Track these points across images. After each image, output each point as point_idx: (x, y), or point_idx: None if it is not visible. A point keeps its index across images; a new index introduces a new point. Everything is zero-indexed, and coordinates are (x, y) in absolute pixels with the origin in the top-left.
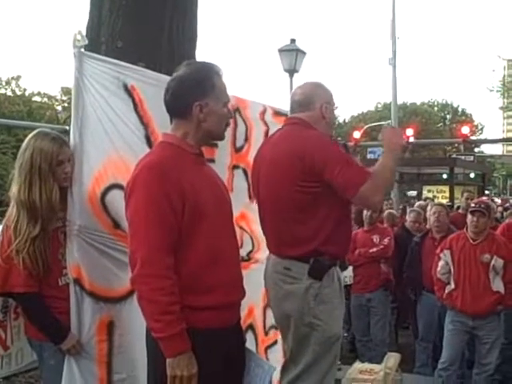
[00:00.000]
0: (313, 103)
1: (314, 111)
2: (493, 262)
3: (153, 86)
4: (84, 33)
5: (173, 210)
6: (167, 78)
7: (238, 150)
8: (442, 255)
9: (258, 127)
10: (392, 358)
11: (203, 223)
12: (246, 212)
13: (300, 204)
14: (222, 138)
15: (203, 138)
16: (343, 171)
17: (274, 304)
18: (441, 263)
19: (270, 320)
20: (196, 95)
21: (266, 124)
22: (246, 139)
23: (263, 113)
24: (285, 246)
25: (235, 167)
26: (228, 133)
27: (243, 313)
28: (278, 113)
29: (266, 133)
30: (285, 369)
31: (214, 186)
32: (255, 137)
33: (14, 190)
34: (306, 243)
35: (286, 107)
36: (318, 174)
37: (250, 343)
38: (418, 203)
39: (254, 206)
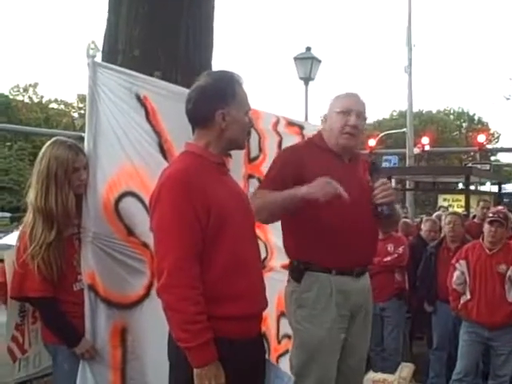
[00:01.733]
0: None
1: (323, 124)
2: (509, 272)
3: (165, 96)
4: (99, 42)
5: (198, 219)
6: (180, 89)
7: (251, 160)
8: (457, 265)
9: (271, 138)
10: (406, 368)
11: (227, 233)
12: None
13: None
14: (243, 146)
15: (225, 146)
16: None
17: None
18: (456, 273)
19: (284, 328)
20: (218, 104)
21: (279, 134)
22: (260, 150)
23: (276, 123)
24: (286, 251)
25: (250, 177)
26: None
27: None
28: (291, 123)
29: (280, 143)
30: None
31: (237, 195)
32: (268, 147)
33: (31, 196)
34: (289, 249)
35: (301, 115)
36: None
37: None
38: (436, 213)
39: None
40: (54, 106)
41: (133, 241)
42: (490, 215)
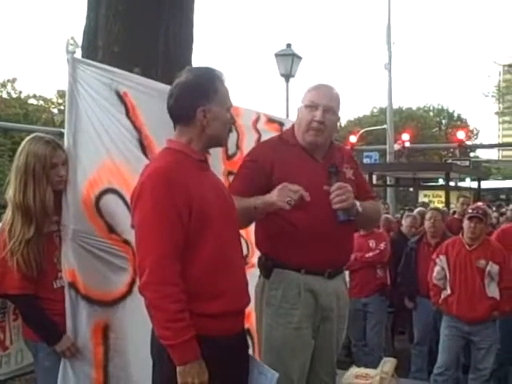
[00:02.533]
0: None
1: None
2: (488, 267)
3: (145, 93)
4: (78, 38)
5: (180, 216)
6: (160, 85)
7: (230, 157)
8: (437, 260)
9: (249, 135)
10: (388, 363)
11: (210, 229)
12: None
13: None
14: (224, 143)
15: (207, 143)
16: None
17: None
18: (437, 268)
19: None
20: (199, 100)
21: (258, 132)
22: (238, 147)
23: (256, 120)
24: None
25: (230, 173)
26: None
27: None
28: (271, 120)
29: (258, 140)
30: None
31: (219, 191)
32: (246, 144)
33: (10, 192)
34: (256, 242)
35: (282, 112)
36: None
37: None
38: (417, 209)
39: None
40: (33, 101)
41: (114, 238)
42: (470, 211)
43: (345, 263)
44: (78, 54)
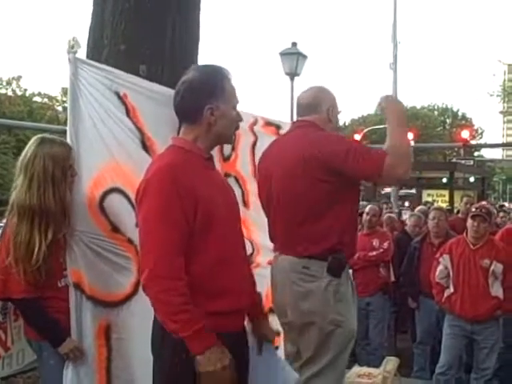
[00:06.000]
0: (320, 106)
1: (320, 114)
2: (492, 267)
3: (144, 95)
4: (83, 35)
5: (185, 213)
6: (160, 88)
7: (225, 159)
8: (441, 259)
9: (245, 137)
10: (391, 362)
11: (214, 228)
12: (244, 217)
13: (315, 202)
14: (230, 141)
15: (213, 141)
16: (362, 156)
17: (291, 304)
18: (440, 267)
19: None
20: (206, 98)
21: (254, 134)
22: (233, 148)
23: (253, 124)
24: (302, 245)
25: (227, 175)
26: None
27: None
28: (268, 123)
29: (254, 143)
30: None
31: (224, 189)
32: (242, 147)
33: (22, 198)
34: (323, 241)
35: (286, 111)
36: (336, 168)
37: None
38: (418, 207)
39: (250, 212)
40: (37, 99)
41: (118, 237)
42: (473, 210)
43: None
44: (83, 51)
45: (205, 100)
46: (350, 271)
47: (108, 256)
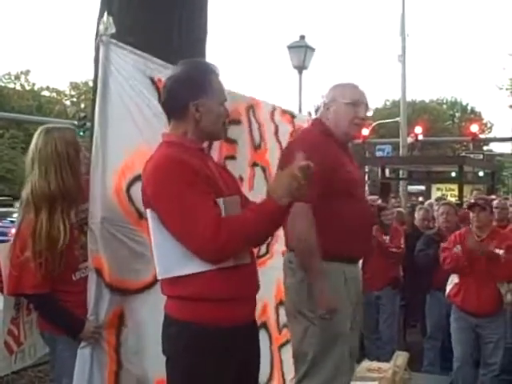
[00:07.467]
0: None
1: (324, 112)
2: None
3: None
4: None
5: (200, 178)
6: None
7: (256, 148)
8: (455, 249)
9: (268, 127)
10: (401, 357)
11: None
12: None
13: None
14: (220, 137)
15: (202, 137)
16: None
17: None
18: (455, 253)
19: (283, 318)
20: (192, 94)
21: (274, 123)
22: (262, 138)
23: (273, 113)
24: (290, 239)
25: (254, 164)
26: (245, 131)
27: (257, 311)
28: (284, 111)
29: (276, 132)
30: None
31: (226, 176)
32: (268, 136)
33: (41, 187)
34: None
35: (295, 104)
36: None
37: (263, 342)
38: (428, 202)
39: None
40: (45, 93)
41: (143, 224)
42: (471, 201)
43: None
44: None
45: (190, 96)
46: (352, 270)
47: (130, 244)
